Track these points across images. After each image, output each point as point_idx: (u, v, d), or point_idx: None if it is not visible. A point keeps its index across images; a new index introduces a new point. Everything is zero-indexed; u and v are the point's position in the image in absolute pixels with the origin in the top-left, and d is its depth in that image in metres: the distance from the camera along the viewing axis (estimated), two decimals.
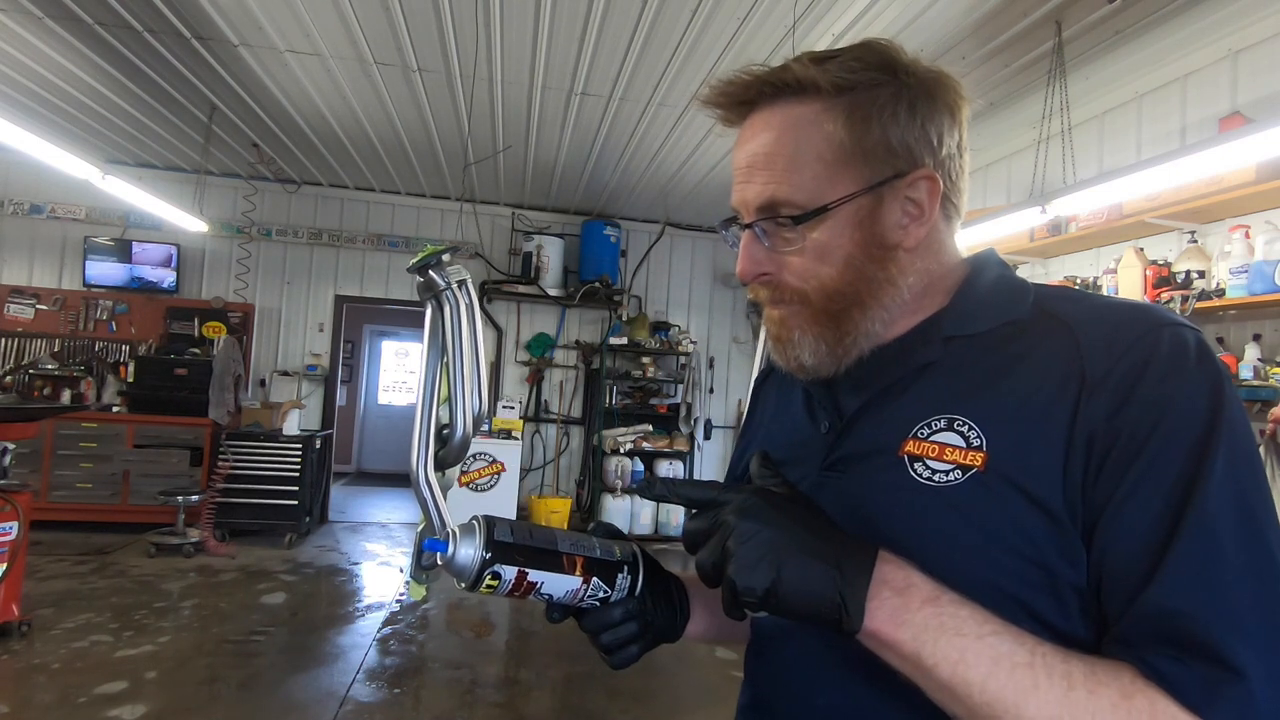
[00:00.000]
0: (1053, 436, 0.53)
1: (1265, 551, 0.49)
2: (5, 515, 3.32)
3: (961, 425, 0.57)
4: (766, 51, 3.52)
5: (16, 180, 5.97)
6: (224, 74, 4.14)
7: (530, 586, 0.61)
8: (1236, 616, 0.47)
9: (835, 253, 0.62)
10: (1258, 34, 3.02)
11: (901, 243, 0.62)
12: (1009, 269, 0.67)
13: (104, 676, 3.12)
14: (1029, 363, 0.57)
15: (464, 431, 0.74)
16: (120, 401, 5.86)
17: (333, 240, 6.58)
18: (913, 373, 0.63)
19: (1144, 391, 0.52)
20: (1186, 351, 0.53)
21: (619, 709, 3.23)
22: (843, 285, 0.62)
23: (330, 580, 4.88)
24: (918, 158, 0.62)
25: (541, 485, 6.80)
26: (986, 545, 0.54)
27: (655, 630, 0.70)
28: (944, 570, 0.53)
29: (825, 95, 0.61)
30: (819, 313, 0.63)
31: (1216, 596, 0.47)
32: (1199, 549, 0.48)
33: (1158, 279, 3.20)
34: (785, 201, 0.61)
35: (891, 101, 0.61)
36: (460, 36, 3.59)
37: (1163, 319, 0.55)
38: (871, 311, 0.63)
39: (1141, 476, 0.51)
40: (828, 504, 0.59)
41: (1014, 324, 0.60)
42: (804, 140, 0.61)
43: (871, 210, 0.61)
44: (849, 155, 0.61)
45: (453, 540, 0.60)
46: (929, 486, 0.57)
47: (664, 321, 6.95)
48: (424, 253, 0.73)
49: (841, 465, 0.65)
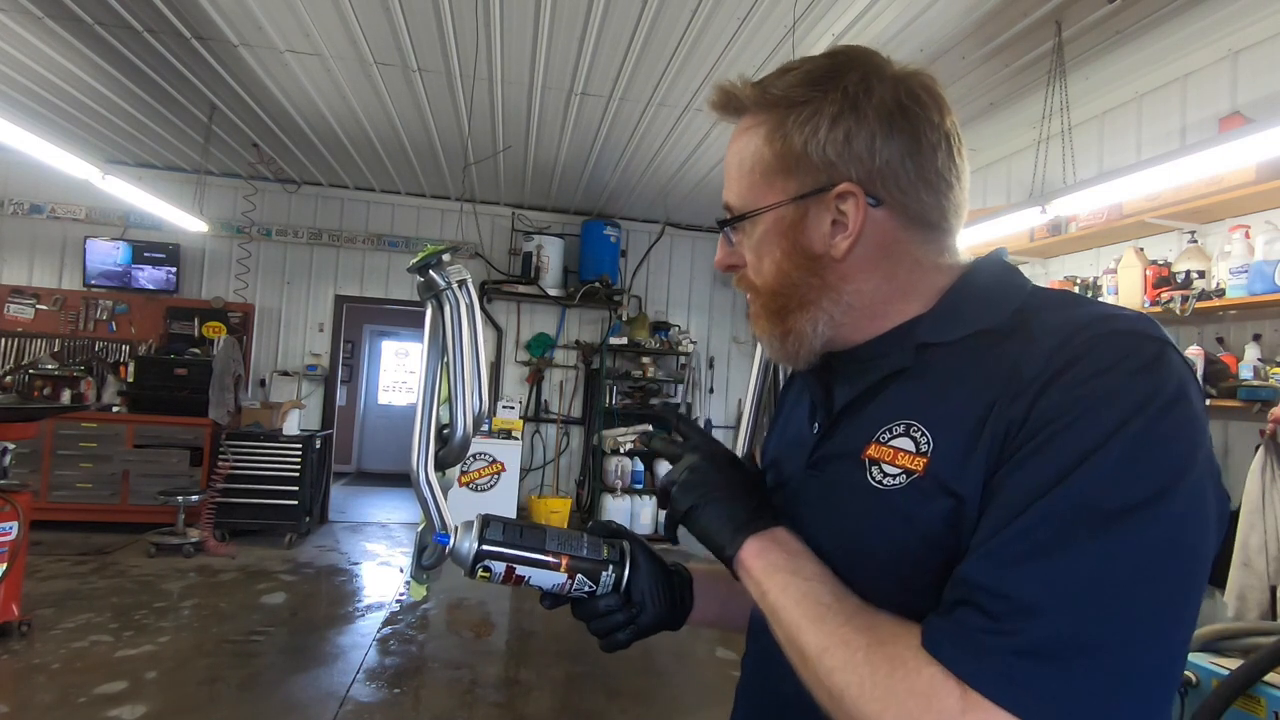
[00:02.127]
0: (983, 438, 0.54)
1: (1097, 569, 0.46)
2: (5, 515, 3.32)
3: (916, 431, 0.59)
4: (766, 51, 3.52)
5: (16, 180, 5.97)
6: (224, 74, 4.14)
7: (519, 579, 0.71)
8: (1027, 584, 0.47)
9: (767, 258, 0.67)
10: (1258, 34, 3.02)
11: (828, 252, 0.64)
12: (1010, 272, 0.66)
13: (104, 676, 3.12)
14: (983, 370, 0.57)
15: (464, 431, 0.75)
16: (120, 401, 5.86)
17: (333, 240, 6.58)
18: (886, 378, 0.64)
19: (1063, 387, 0.51)
20: (1129, 358, 0.51)
21: (619, 709, 3.23)
22: (778, 287, 0.67)
23: (330, 580, 4.88)
24: (842, 171, 0.63)
25: (541, 485, 6.80)
26: (915, 543, 0.57)
27: (649, 619, 0.75)
28: (887, 564, 0.59)
29: (757, 112, 0.66)
30: (765, 308, 0.69)
31: (1015, 571, 0.47)
32: (1024, 535, 0.48)
33: (1158, 279, 3.20)
34: (731, 207, 0.69)
35: (812, 117, 0.63)
36: (460, 36, 3.59)
37: (1121, 327, 0.53)
38: (810, 314, 0.66)
39: (1021, 464, 0.51)
40: (808, 500, 0.67)
41: (988, 333, 0.60)
42: (744, 153, 0.67)
43: (796, 221, 0.65)
44: (773, 169, 0.65)
45: (454, 534, 0.71)
46: (877, 489, 0.60)
47: (664, 321, 6.95)
48: (424, 253, 0.73)
49: (820, 465, 0.68)
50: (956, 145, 0.65)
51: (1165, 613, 0.47)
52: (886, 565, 0.58)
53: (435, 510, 0.74)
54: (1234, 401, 2.83)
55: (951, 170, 0.64)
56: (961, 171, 0.66)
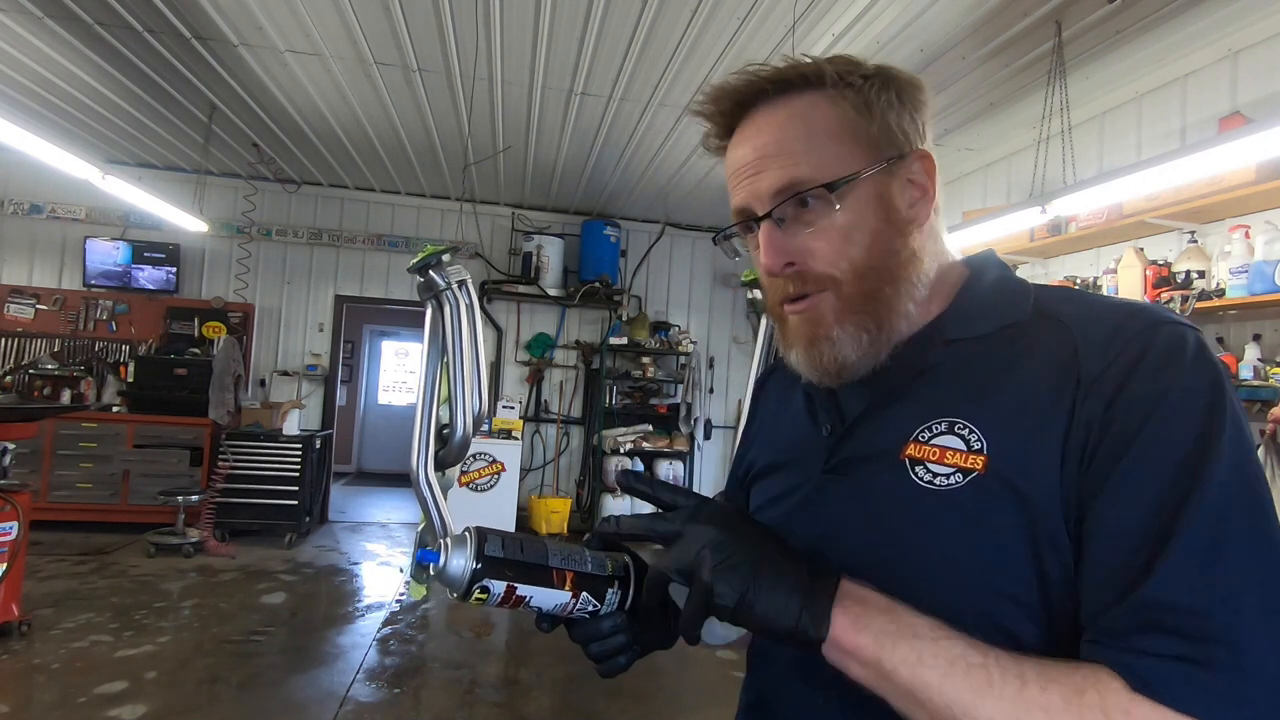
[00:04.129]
0: (1050, 437, 0.54)
1: (1273, 548, 0.48)
2: (5, 515, 3.32)
3: (962, 429, 0.58)
4: (766, 51, 3.52)
5: (16, 180, 5.97)
6: (224, 74, 4.14)
7: (519, 600, 0.62)
8: (1242, 612, 0.45)
9: (862, 228, 0.62)
10: (1258, 34, 3.02)
11: (915, 219, 0.64)
12: (1008, 270, 0.67)
13: (104, 676, 3.12)
14: (1029, 364, 0.58)
15: (464, 431, 0.74)
16: (120, 401, 5.85)
17: (333, 240, 6.58)
18: (915, 376, 0.63)
19: (1137, 386, 0.52)
20: (1183, 348, 0.53)
21: (619, 709, 3.23)
22: (874, 260, 0.62)
23: (330, 580, 4.88)
24: (913, 140, 0.65)
25: (541, 485, 6.80)
26: (982, 545, 0.55)
27: (647, 639, 0.69)
28: (946, 570, 0.55)
29: (828, 86, 0.63)
30: (852, 297, 0.62)
31: (1222, 591, 0.46)
32: (1202, 542, 0.47)
33: (1158, 279, 3.20)
34: (808, 179, 0.61)
35: (885, 90, 0.64)
36: (460, 36, 3.59)
37: (1160, 317, 0.55)
38: (903, 287, 0.63)
39: (1132, 468, 0.50)
40: (832, 506, 0.63)
41: (1016, 326, 0.60)
42: (817, 123, 0.63)
43: (887, 186, 0.63)
44: (860, 135, 0.63)
45: (444, 551, 0.61)
46: (930, 489, 0.57)
47: (664, 321, 6.95)
48: (424, 253, 0.73)
49: (843, 468, 0.65)
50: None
51: None
52: (958, 570, 0.55)
53: (435, 510, 0.73)
54: None
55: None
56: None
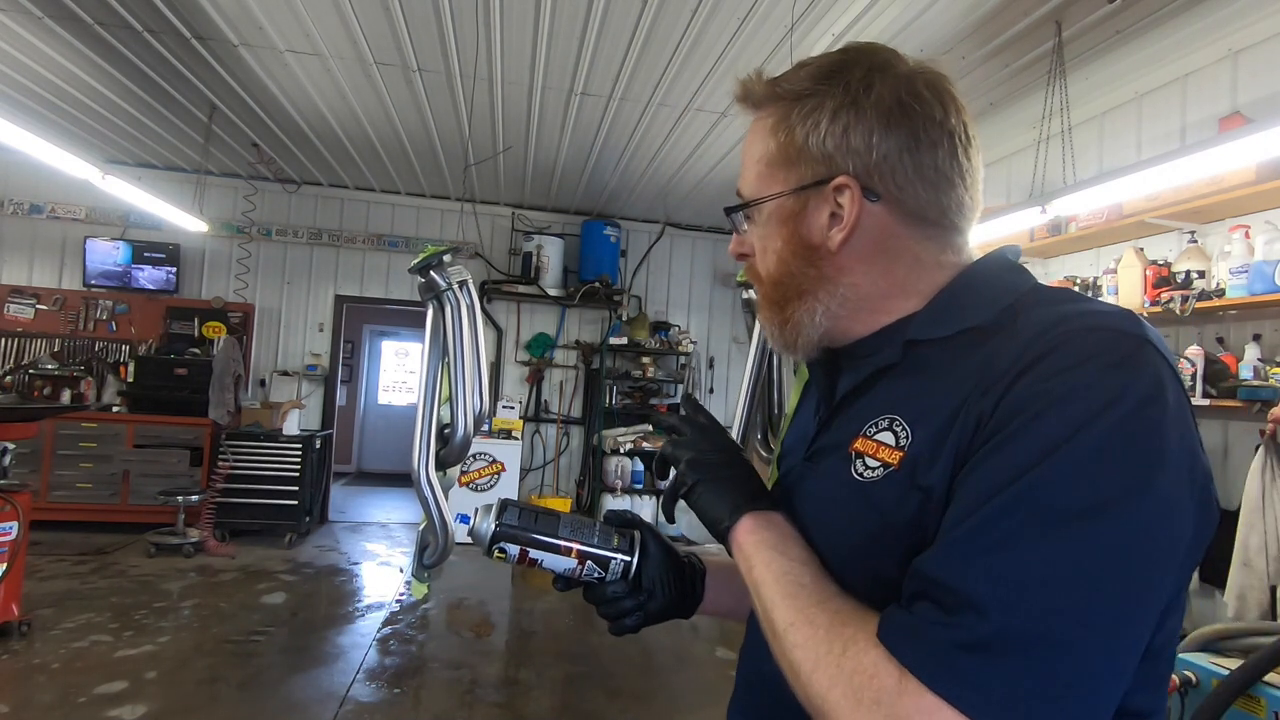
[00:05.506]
0: (952, 435, 0.55)
1: (1045, 569, 0.46)
2: (5, 515, 3.32)
3: (898, 426, 0.60)
4: (766, 51, 3.52)
5: (16, 180, 5.97)
6: (224, 74, 4.14)
7: (532, 562, 0.76)
8: (974, 579, 0.47)
9: (770, 247, 0.69)
10: (1258, 34, 3.02)
11: (825, 244, 0.65)
12: (1010, 270, 0.65)
13: (104, 676, 3.12)
14: (965, 366, 0.58)
15: (465, 431, 0.75)
16: (120, 401, 5.85)
17: (333, 240, 6.58)
18: (877, 373, 0.66)
19: (1025, 384, 0.51)
20: (1102, 354, 0.50)
21: (619, 709, 3.23)
22: (780, 276, 0.69)
23: (330, 580, 4.88)
24: (841, 165, 0.64)
25: (541, 485, 6.80)
26: (882, 533, 0.58)
27: (657, 606, 0.77)
28: (851, 554, 0.61)
29: (767, 105, 0.68)
30: (768, 296, 0.71)
31: (965, 566, 0.48)
32: (978, 531, 0.48)
33: (1158, 279, 3.20)
34: (742, 195, 0.71)
35: (814, 110, 0.64)
36: (460, 36, 3.59)
37: (1103, 323, 0.52)
38: (807, 304, 0.67)
39: (981, 462, 0.51)
40: (802, 491, 0.70)
41: (977, 329, 0.60)
42: (753, 145, 0.70)
43: (796, 212, 0.66)
44: (777, 160, 0.67)
45: (475, 515, 0.77)
46: (858, 482, 0.61)
47: (664, 321, 6.95)
48: (425, 253, 0.73)
49: (815, 457, 0.70)
50: (962, 143, 0.64)
51: (1111, 615, 0.46)
52: (858, 555, 0.60)
53: (436, 509, 0.74)
54: (1234, 401, 2.82)
55: (954, 168, 0.64)
56: (967, 170, 0.65)
